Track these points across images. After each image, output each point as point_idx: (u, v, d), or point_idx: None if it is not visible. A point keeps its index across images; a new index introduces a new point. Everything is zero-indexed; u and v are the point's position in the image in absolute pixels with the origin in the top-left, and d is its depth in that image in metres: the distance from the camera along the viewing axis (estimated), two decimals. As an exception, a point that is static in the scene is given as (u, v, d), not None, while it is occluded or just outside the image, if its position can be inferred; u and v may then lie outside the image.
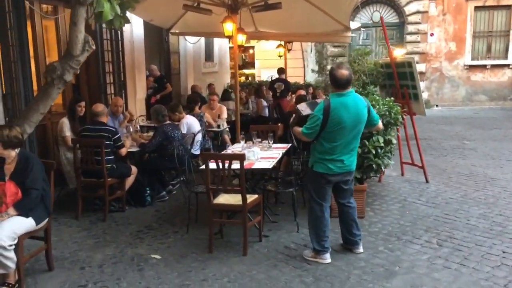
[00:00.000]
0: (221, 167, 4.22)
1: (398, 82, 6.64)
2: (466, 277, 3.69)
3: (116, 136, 5.41)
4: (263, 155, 5.05)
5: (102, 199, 5.41)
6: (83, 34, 3.70)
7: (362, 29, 14.49)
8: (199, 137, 6.71)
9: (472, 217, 5.13)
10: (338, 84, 3.82)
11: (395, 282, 3.68)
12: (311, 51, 17.34)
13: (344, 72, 3.81)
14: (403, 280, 3.71)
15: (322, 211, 4.04)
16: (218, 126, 7.92)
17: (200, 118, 7.32)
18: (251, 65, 18.89)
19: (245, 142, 5.47)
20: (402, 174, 6.97)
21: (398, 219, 5.13)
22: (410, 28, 16.44)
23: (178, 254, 4.33)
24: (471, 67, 16.48)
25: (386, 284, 3.65)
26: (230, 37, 6.44)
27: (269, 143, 5.51)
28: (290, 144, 5.74)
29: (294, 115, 4.22)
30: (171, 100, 10.03)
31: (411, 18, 16.39)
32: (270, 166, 4.66)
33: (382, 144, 4.95)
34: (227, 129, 8.40)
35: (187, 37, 10.62)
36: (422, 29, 16.36)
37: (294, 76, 15.40)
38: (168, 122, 6.09)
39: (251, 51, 18.71)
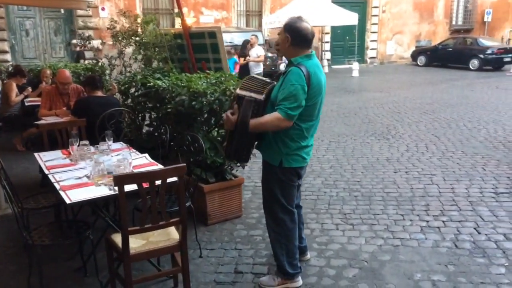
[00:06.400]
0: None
1: (194, 55, 5.74)
2: (424, 250, 3.58)
3: None
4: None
5: None
6: None
7: None
8: None
9: (323, 189, 5.06)
10: (306, 40, 2.80)
11: (388, 277, 3.19)
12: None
13: (308, 25, 2.85)
14: (390, 272, 3.27)
15: (294, 220, 3.03)
16: None
17: None
18: None
19: (78, 146, 3.56)
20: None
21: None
22: (80, 0, 14.83)
23: None
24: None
25: (384, 283, 3.12)
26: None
27: (108, 146, 3.74)
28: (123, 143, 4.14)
29: (243, 107, 2.77)
30: None
31: (79, -11, 14.78)
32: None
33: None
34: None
35: None
36: (92, 2, 15.02)
37: None
38: None
39: None
